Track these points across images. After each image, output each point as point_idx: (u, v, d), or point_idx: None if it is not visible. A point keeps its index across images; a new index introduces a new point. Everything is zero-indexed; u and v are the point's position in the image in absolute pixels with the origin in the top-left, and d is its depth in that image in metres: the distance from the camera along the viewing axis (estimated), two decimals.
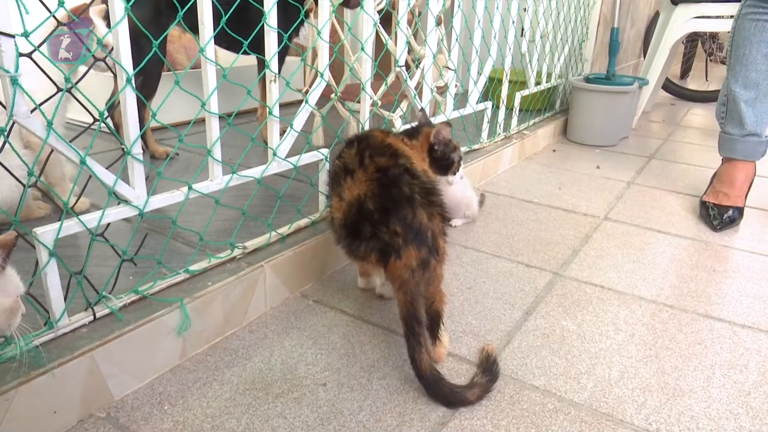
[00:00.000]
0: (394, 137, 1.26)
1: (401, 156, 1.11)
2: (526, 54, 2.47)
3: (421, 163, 1.28)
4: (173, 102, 1.24)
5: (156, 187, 1.08)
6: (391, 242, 1.00)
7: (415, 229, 1.00)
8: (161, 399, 0.99)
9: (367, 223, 1.03)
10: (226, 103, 1.62)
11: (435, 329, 1.07)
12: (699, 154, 2.74)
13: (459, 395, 0.99)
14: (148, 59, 1.00)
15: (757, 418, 1.00)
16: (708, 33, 4.90)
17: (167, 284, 1.10)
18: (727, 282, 1.49)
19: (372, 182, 1.05)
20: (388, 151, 1.11)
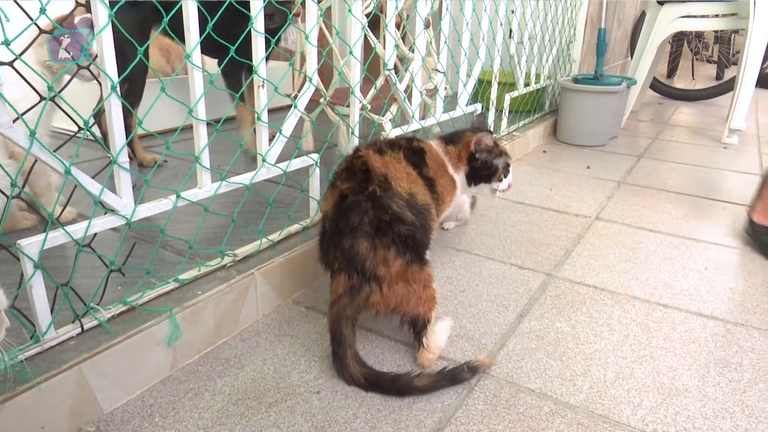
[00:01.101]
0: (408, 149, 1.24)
1: (372, 181, 1.09)
2: (515, 55, 2.48)
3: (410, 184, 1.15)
4: (161, 109, 1.22)
5: (144, 195, 1.06)
6: (333, 264, 1.09)
7: (350, 257, 1.04)
8: (152, 411, 0.97)
9: (326, 239, 1.12)
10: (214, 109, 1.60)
11: (419, 335, 1.09)
12: (688, 153, 2.76)
13: (403, 382, 1.01)
14: (133, 66, 0.99)
15: (753, 417, 1.00)
16: (694, 32, 4.94)
17: (156, 294, 1.09)
18: (718, 279, 1.49)
19: (332, 206, 1.12)
20: (359, 175, 1.11)
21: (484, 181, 1.42)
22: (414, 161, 1.23)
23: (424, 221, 1.15)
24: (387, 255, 1.03)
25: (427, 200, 1.19)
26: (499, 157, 1.40)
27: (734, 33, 4.85)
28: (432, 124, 1.92)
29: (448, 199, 1.34)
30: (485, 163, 1.38)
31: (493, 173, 1.41)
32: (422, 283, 1.07)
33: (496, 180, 1.42)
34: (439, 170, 1.30)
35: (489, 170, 1.40)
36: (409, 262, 1.06)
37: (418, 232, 1.10)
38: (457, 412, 0.99)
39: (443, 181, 1.30)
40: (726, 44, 4.90)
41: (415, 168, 1.21)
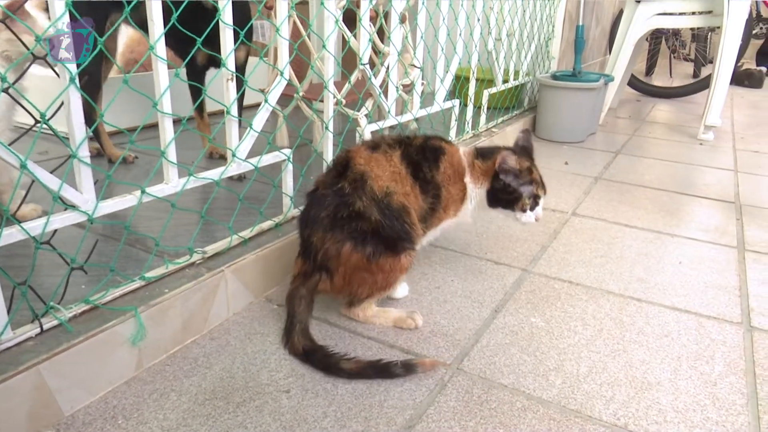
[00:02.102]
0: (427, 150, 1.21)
1: (344, 178, 1.13)
2: (493, 52, 2.47)
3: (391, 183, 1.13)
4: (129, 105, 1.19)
5: (112, 191, 1.03)
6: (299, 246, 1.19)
7: (306, 245, 1.15)
8: (115, 413, 0.94)
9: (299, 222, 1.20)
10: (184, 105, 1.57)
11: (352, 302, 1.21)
12: (665, 149, 2.78)
13: (332, 361, 1.05)
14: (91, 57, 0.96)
15: (723, 409, 1.00)
16: (671, 30, 4.99)
17: (121, 292, 1.06)
18: (693, 274, 1.50)
19: (309, 193, 1.19)
20: (337, 170, 1.16)
21: (504, 206, 1.27)
22: (415, 160, 1.18)
23: (396, 222, 1.14)
24: (340, 249, 1.10)
25: (406, 201, 1.15)
26: (527, 185, 1.25)
27: (711, 32, 4.91)
28: (409, 120, 1.91)
29: (451, 209, 1.25)
30: (508, 187, 1.24)
31: (516, 200, 1.25)
32: (387, 273, 1.13)
33: (520, 209, 1.26)
34: (453, 177, 1.24)
35: (511, 195, 1.25)
36: (372, 256, 1.11)
37: (385, 229, 1.12)
38: (429, 409, 0.98)
39: (453, 189, 1.24)
40: (702, 42, 4.96)
41: (411, 167, 1.17)
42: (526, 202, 1.25)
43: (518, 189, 1.24)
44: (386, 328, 1.21)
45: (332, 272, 1.13)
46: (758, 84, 4.87)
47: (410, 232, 1.16)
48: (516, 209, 1.26)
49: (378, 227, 1.11)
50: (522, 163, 1.24)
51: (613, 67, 3.23)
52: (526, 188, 1.25)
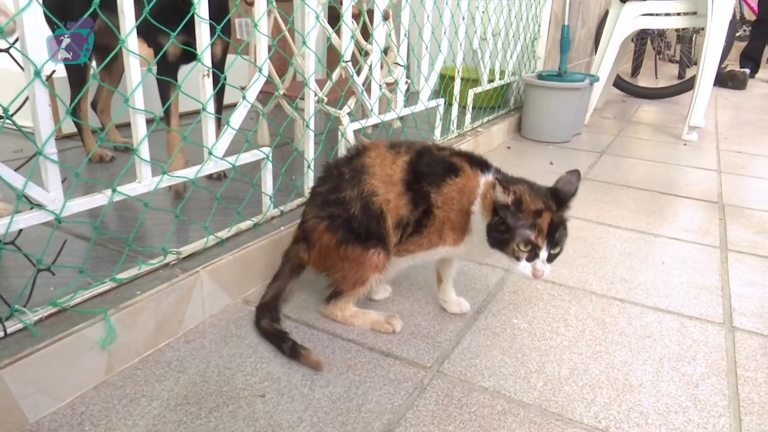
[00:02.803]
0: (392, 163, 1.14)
1: (349, 165, 1.17)
2: (478, 51, 2.46)
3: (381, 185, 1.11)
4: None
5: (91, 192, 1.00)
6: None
7: (303, 213, 1.23)
8: (82, 419, 0.91)
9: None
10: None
11: (330, 297, 1.20)
12: (649, 149, 2.79)
13: (293, 354, 1.08)
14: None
15: (704, 411, 0.99)
16: (656, 31, 5.02)
17: (91, 294, 1.02)
18: (675, 274, 1.49)
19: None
20: (349, 155, 1.20)
21: (497, 246, 1.05)
22: (421, 171, 1.11)
23: (372, 222, 1.12)
24: (318, 225, 1.16)
25: (385, 207, 1.11)
26: (524, 228, 1.01)
27: (695, 33, 4.95)
28: (392, 119, 1.89)
29: (449, 236, 1.12)
30: (501, 224, 1.02)
31: (505, 242, 1.02)
32: (354, 263, 1.13)
33: (512, 255, 1.03)
34: (457, 202, 1.10)
35: (502, 235, 1.03)
36: (340, 241, 1.13)
37: (357, 222, 1.12)
38: (408, 412, 0.96)
39: (453, 215, 1.10)
40: (687, 44, 5.00)
41: (411, 175, 1.11)
42: (516, 247, 1.02)
43: (513, 229, 1.02)
44: (366, 331, 1.19)
45: (311, 244, 1.19)
46: (742, 85, 4.91)
47: (384, 236, 1.14)
48: (507, 253, 1.04)
49: (352, 220, 1.12)
50: (528, 201, 1.01)
51: (598, 68, 3.24)
52: (521, 231, 1.01)
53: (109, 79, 1.82)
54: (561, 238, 1.04)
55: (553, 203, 1.04)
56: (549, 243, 1.02)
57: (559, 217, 1.03)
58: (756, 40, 5.47)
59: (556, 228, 1.02)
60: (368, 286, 1.16)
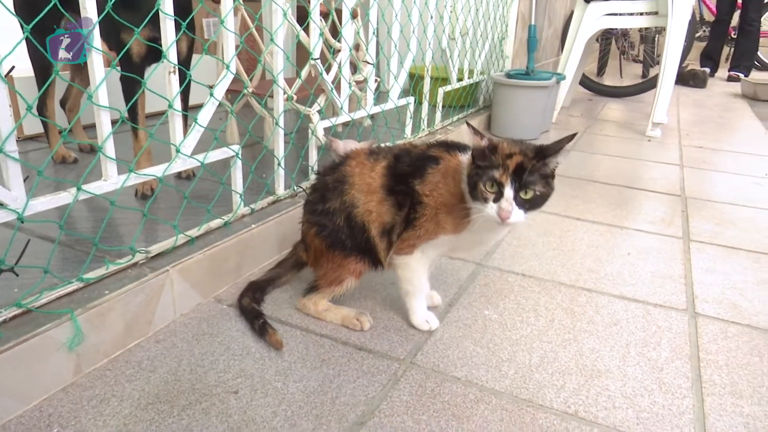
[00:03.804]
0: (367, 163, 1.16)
1: (332, 174, 1.20)
2: (447, 50, 2.49)
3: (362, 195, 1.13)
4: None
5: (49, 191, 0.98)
6: None
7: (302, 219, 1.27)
8: (50, 421, 0.89)
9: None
10: None
11: (307, 290, 1.24)
12: (615, 145, 2.86)
13: (261, 332, 1.13)
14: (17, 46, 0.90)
15: (669, 393, 1.03)
16: (620, 31, 5.14)
17: (57, 295, 1.00)
18: (640, 264, 1.53)
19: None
20: (335, 164, 1.22)
21: (471, 193, 1.03)
22: (401, 172, 1.11)
23: (357, 232, 1.15)
24: (310, 230, 1.21)
25: (366, 218, 1.13)
26: (489, 168, 0.99)
27: (658, 34, 5.08)
28: (362, 117, 1.89)
29: (447, 222, 1.08)
30: (476, 168, 1.01)
31: (475, 186, 1.00)
32: (335, 265, 1.18)
33: (480, 197, 1.00)
34: (443, 185, 1.08)
35: (472, 180, 1.02)
36: (328, 246, 1.17)
37: (343, 233, 1.16)
38: (382, 404, 0.97)
39: (442, 199, 1.08)
40: (650, 44, 5.13)
41: (391, 179, 1.12)
42: (483, 187, 0.99)
43: (483, 171, 0.99)
44: (339, 326, 1.19)
45: (307, 246, 1.25)
46: (702, 84, 5.07)
47: (371, 247, 1.16)
48: (478, 198, 1.00)
49: (338, 231, 1.16)
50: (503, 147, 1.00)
51: (564, 66, 3.30)
52: (489, 171, 0.99)
53: (80, 78, 1.78)
54: (533, 182, 0.99)
55: (531, 153, 1.00)
56: (516, 183, 0.98)
57: (532, 162, 0.98)
58: (715, 40, 5.66)
59: (525, 170, 0.98)
60: (343, 287, 1.19)
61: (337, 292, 1.20)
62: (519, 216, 1.00)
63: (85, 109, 1.06)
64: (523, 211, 1.00)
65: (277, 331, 1.12)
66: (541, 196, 1.01)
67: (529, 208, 1.01)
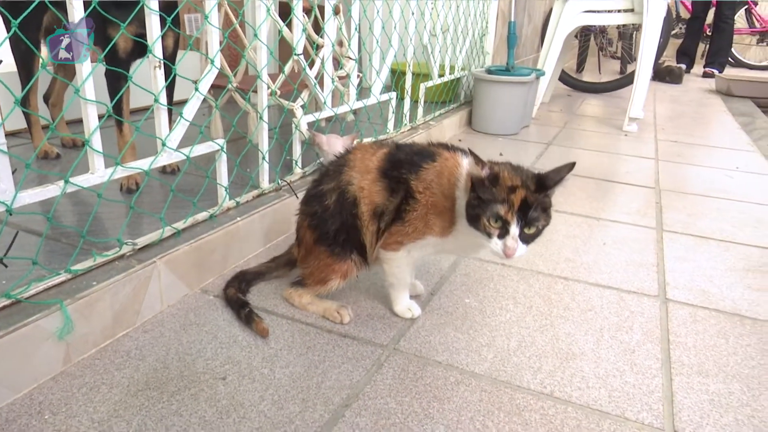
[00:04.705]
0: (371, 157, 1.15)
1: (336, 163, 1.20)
2: (428, 46, 2.52)
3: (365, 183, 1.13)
4: None
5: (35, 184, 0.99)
6: None
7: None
8: (41, 408, 0.91)
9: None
10: None
11: (295, 283, 1.27)
12: (593, 139, 2.92)
13: (247, 320, 1.16)
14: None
15: (640, 373, 1.08)
16: (598, 28, 5.23)
17: (45, 286, 1.02)
18: (615, 253, 1.59)
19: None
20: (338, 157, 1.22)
21: (470, 220, 1.01)
22: (398, 158, 1.12)
23: (346, 212, 1.14)
24: (303, 222, 1.22)
25: (360, 194, 1.12)
26: (495, 202, 0.97)
27: (635, 31, 5.18)
28: (345, 112, 1.92)
29: (436, 223, 1.08)
30: (475, 197, 0.99)
31: (476, 218, 0.99)
32: (322, 265, 1.18)
33: (483, 230, 0.99)
34: (437, 185, 1.08)
35: (474, 210, 0.99)
36: (317, 240, 1.18)
37: (331, 219, 1.15)
38: (366, 387, 1.00)
39: (434, 200, 1.07)
40: (628, 41, 5.23)
41: (387, 163, 1.12)
42: (487, 222, 0.98)
43: (485, 203, 0.98)
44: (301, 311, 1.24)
45: (300, 242, 1.25)
46: (678, 80, 5.18)
47: (358, 228, 1.14)
48: (480, 230, 1.00)
49: (328, 218, 1.15)
50: (504, 177, 0.99)
51: (543, 62, 3.36)
52: (492, 206, 0.97)
53: (63, 72, 1.78)
54: (537, 218, 0.98)
55: (533, 184, 0.99)
56: (521, 220, 0.97)
57: (535, 197, 0.98)
58: (690, 37, 5.78)
59: (530, 206, 0.97)
60: (328, 287, 1.20)
61: (321, 291, 1.21)
62: (522, 250, 1.00)
63: (70, 104, 1.07)
64: (526, 245, 1.00)
65: (263, 320, 1.15)
66: (543, 229, 1.02)
67: (531, 240, 1.02)
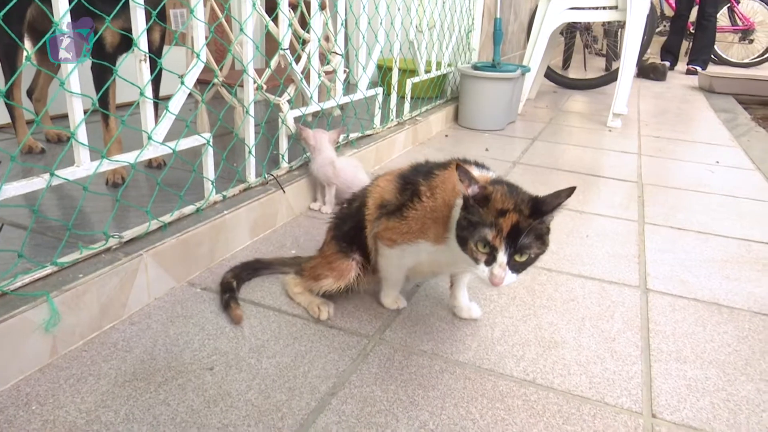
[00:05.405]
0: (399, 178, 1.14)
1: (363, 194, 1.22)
2: (414, 42, 2.54)
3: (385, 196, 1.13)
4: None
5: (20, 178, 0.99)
6: None
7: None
8: (28, 400, 0.92)
9: None
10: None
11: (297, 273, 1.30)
12: (578, 135, 2.96)
13: (225, 305, 1.19)
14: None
15: (620, 360, 1.10)
16: (583, 25, 5.27)
17: (31, 279, 1.02)
18: (597, 245, 1.62)
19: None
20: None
21: (458, 241, 0.96)
22: (416, 169, 1.13)
23: (356, 206, 1.20)
24: (330, 224, 1.28)
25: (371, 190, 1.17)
26: (483, 226, 0.91)
27: (620, 28, 5.23)
28: (332, 107, 1.93)
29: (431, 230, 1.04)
30: (464, 217, 0.94)
31: (464, 240, 0.94)
32: (323, 262, 1.22)
33: (471, 254, 0.94)
34: (440, 191, 1.05)
35: (462, 232, 0.94)
36: (331, 238, 1.23)
37: (347, 219, 1.21)
38: (352, 376, 1.02)
39: (434, 204, 1.05)
40: (613, 38, 5.28)
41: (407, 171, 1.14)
42: (474, 247, 0.92)
43: (474, 226, 0.92)
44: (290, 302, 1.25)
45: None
46: (662, 77, 5.25)
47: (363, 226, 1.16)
48: (467, 253, 0.94)
49: (346, 216, 1.22)
50: (495, 199, 0.92)
51: (529, 59, 3.39)
52: (480, 229, 0.91)
53: (46, 66, 1.77)
54: (528, 246, 0.91)
55: (527, 209, 0.92)
56: (510, 247, 0.90)
57: (528, 222, 0.91)
58: (674, 35, 5.85)
59: (522, 232, 0.90)
60: (319, 284, 1.20)
61: (313, 287, 1.22)
62: (511, 279, 0.93)
63: (55, 97, 1.07)
64: (516, 274, 0.93)
65: (240, 306, 1.18)
66: (535, 257, 0.95)
67: (522, 269, 0.95)
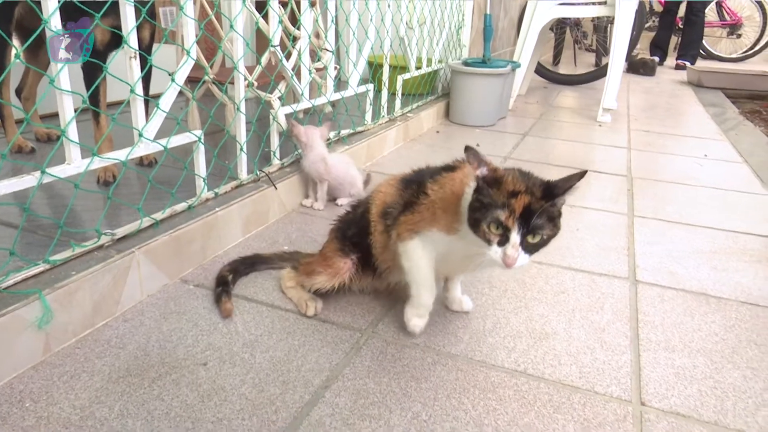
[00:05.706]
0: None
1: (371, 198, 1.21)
2: (405, 38, 2.54)
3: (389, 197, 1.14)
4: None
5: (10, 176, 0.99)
6: None
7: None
8: (22, 397, 0.92)
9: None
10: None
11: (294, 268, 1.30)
12: (568, 130, 2.98)
13: (216, 299, 1.21)
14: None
15: (609, 350, 1.12)
16: (573, 20, 5.30)
17: (23, 276, 1.02)
18: (587, 238, 1.63)
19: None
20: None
21: (470, 224, 0.95)
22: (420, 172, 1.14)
23: (359, 211, 1.22)
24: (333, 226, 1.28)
25: (374, 196, 1.17)
26: (495, 207, 0.90)
27: (610, 24, 5.26)
28: (323, 103, 1.94)
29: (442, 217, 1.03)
30: (477, 199, 0.94)
31: (476, 222, 0.93)
32: (320, 259, 1.23)
33: (483, 237, 0.93)
34: (449, 185, 1.04)
35: (474, 214, 0.93)
36: (335, 237, 1.23)
37: (351, 222, 1.23)
38: (345, 369, 1.02)
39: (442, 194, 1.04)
40: (603, 34, 5.31)
41: (410, 175, 1.15)
42: (486, 228, 0.91)
43: (486, 207, 0.92)
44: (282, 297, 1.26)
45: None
46: (651, 72, 5.28)
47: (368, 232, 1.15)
48: (480, 236, 0.93)
49: (350, 220, 1.23)
50: (507, 181, 0.92)
51: (520, 55, 3.40)
52: (492, 210, 0.91)
53: (35, 64, 1.76)
54: (541, 226, 0.91)
55: (539, 191, 0.92)
56: (523, 227, 0.90)
57: (540, 204, 0.91)
58: (663, 30, 5.90)
59: (534, 214, 0.90)
60: (312, 281, 1.20)
61: (306, 283, 1.22)
62: (524, 260, 0.93)
63: (44, 96, 1.07)
64: (529, 255, 0.94)
65: (230, 300, 1.19)
66: (548, 238, 0.95)
67: (534, 250, 0.95)
